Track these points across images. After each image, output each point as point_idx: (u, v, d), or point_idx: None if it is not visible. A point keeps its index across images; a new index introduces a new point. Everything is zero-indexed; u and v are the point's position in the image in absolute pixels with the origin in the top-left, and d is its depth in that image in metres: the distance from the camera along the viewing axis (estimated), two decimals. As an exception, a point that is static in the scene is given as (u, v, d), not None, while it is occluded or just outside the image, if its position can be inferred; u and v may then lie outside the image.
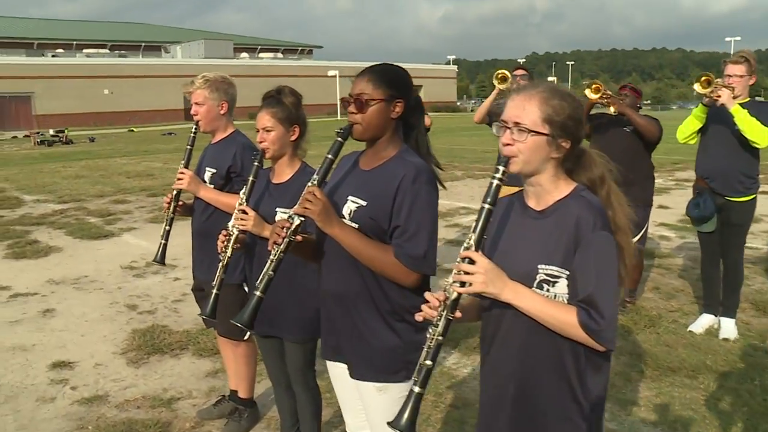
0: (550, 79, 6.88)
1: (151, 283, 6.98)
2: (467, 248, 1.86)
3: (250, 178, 2.90)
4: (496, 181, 1.87)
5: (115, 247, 8.80)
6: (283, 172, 3.03)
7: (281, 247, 2.27)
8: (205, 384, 4.45)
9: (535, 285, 1.88)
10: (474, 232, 1.87)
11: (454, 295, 1.85)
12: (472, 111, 74.14)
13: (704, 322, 5.32)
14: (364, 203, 2.29)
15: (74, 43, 71.62)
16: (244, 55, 75.03)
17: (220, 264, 2.91)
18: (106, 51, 68.33)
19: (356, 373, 2.40)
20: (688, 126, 5.14)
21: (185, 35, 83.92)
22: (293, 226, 2.26)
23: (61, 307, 6.19)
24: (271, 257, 2.29)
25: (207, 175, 3.60)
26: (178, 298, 6.41)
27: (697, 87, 4.80)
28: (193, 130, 3.62)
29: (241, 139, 3.64)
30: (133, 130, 44.51)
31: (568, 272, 1.85)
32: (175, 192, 3.60)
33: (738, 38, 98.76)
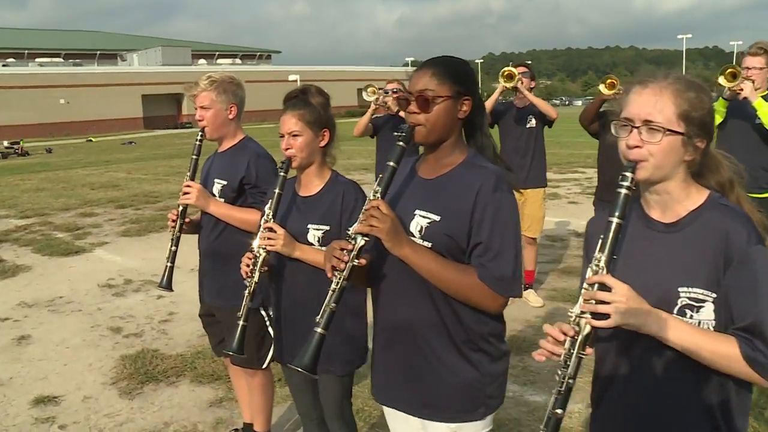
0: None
1: (134, 303, 6.52)
2: (596, 271, 1.55)
3: (276, 191, 2.55)
4: (624, 191, 1.57)
5: (88, 264, 8.29)
6: (312, 183, 2.67)
7: (344, 273, 1.92)
8: (210, 415, 4.06)
9: (676, 311, 1.58)
10: (602, 251, 1.56)
11: (587, 329, 1.54)
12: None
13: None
14: (436, 218, 1.96)
15: (26, 52, 69.65)
16: (202, 61, 73.91)
17: (246, 291, 2.55)
18: (60, 60, 66.48)
19: (426, 414, 2.08)
20: (708, 121, 4.92)
21: (142, 43, 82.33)
22: (356, 248, 1.91)
23: (38, 333, 5.71)
24: (333, 286, 1.93)
25: (216, 188, 3.22)
26: (165, 318, 5.98)
27: (722, 80, 4.58)
28: (199, 137, 3.23)
29: (253, 146, 3.26)
30: (91, 140, 43.26)
31: (714, 295, 1.55)
32: (180, 208, 3.20)
33: (689, 36, 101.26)
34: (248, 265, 2.55)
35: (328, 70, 68.88)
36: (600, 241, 1.59)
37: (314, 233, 2.57)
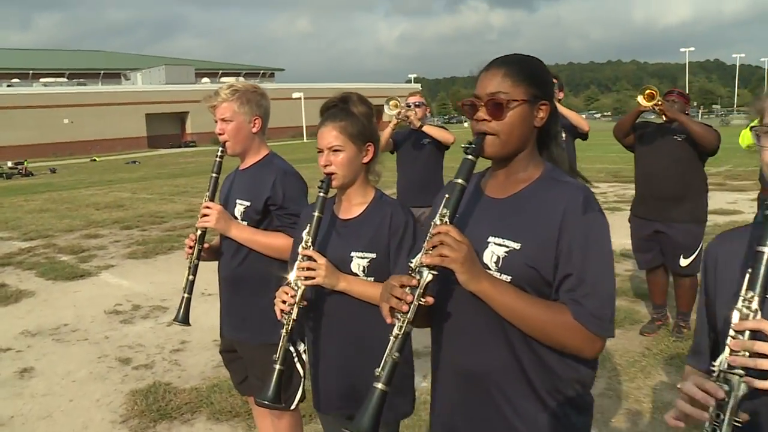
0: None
1: (142, 330, 6.17)
2: (747, 315, 1.22)
3: (316, 213, 2.22)
4: None
5: (94, 289, 7.95)
6: (353, 204, 2.35)
7: (408, 315, 1.58)
8: (229, 459, 3.71)
9: None
10: (752, 289, 1.23)
11: (743, 389, 1.21)
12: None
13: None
14: (516, 246, 1.63)
15: (30, 72, 69.78)
16: (206, 80, 73.90)
17: (283, 330, 2.21)
18: (64, 79, 66.51)
19: None
20: (757, 131, 4.60)
21: (145, 62, 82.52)
22: (423, 284, 1.58)
23: (41, 365, 5.36)
24: (395, 332, 1.59)
25: (238, 210, 2.89)
26: (177, 347, 5.63)
27: None
28: (219, 153, 2.90)
29: (279, 163, 2.94)
30: (95, 160, 43.07)
31: None
32: (199, 232, 2.87)
33: (692, 49, 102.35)
34: (284, 301, 2.21)
35: (332, 87, 68.76)
36: (748, 276, 1.25)
37: (358, 262, 2.24)
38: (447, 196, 1.62)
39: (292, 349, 2.90)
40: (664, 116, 5.00)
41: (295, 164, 2.86)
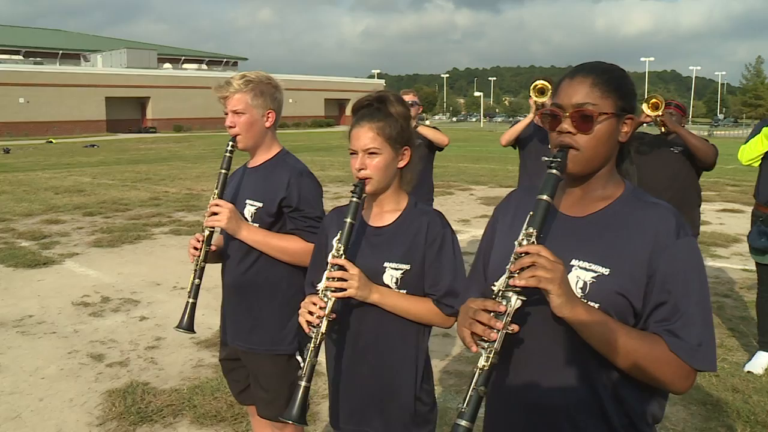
0: (476, 94, 5.94)
1: (114, 324, 5.90)
2: None
3: (348, 220, 2.05)
4: None
5: (59, 278, 7.60)
6: (386, 211, 2.20)
7: (495, 345, 1.44)
8: (217, 468, 3.53)
9: None
10: None
11: None
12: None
13: (763, 361, 4.79)
14: (605, 271, 1.52)
15: (-17, 48, 67.51)
16: (168, 65, 72.53)
17: (311, 344, 2.03)
18: (20, 58, 64.54)
19: None
20: (756, 147, 4.60)
21: (106, 44, 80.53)
22: (511, 310, 1.45)
23: (6, 360, 5.07)
24: (481, 363, 1.44)
25: (248, 211, 2.70)
26: (152, 343, 5.39)
27: None
28: (229, 147, 2.71)
29: (292, 162, 2.76)
30: (51, 141, 41.87)
31: None
32: (207, 232, 2.68)
33: (652, 59, 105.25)
34: (312, 313, 2.04)
35: (296, 79, 68.07)
36: None
37: (392, 273, 2.09)
38: (531, 213, 1.50)
39: (299, 359, 2.75)
40: (663, 128, 4.95)
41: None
